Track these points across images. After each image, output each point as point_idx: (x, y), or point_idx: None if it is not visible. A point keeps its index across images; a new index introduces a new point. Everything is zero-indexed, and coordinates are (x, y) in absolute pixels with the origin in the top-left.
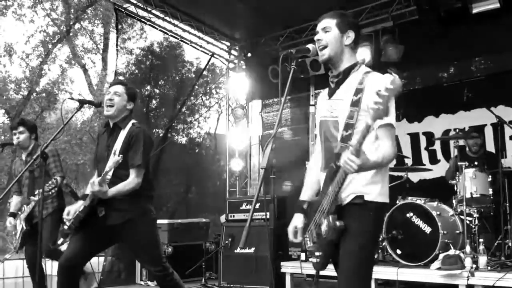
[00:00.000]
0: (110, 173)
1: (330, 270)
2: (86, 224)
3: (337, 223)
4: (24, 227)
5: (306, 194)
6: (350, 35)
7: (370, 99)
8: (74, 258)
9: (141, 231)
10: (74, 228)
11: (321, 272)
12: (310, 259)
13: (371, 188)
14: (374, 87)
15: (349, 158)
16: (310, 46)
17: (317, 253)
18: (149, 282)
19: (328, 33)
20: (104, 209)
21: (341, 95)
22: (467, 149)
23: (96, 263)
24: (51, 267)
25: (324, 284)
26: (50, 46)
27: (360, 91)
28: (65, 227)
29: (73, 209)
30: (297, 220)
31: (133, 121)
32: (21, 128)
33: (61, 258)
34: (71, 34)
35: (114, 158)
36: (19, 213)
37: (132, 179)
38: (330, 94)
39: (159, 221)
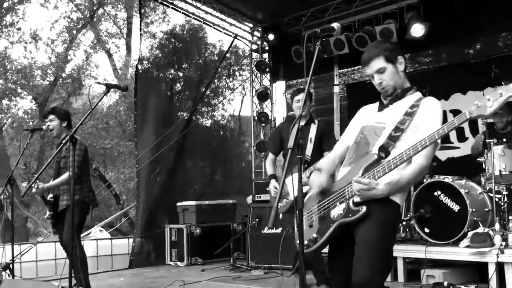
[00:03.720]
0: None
1: None
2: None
3: (364, 207)
4: (47, 214)
5: (322, 164)
6: (401, 61)
7: (420, 118)
8: None
9: None
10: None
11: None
12: (297, 242)
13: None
14: (428, 109)
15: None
16: (334, 24)
17: (314, 235)
18: (178, 263)
19: (383, 74)
20: None
21: (393, 109)
22: (495, 126)
23: (126, 244)
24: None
25: None
26: (74, 31)
27: (415, 106)
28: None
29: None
30: (317, 174)
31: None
32: (51, 116)
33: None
34: (94, 19)
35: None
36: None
37: None
38: (381, 109)
39: (186, 203)
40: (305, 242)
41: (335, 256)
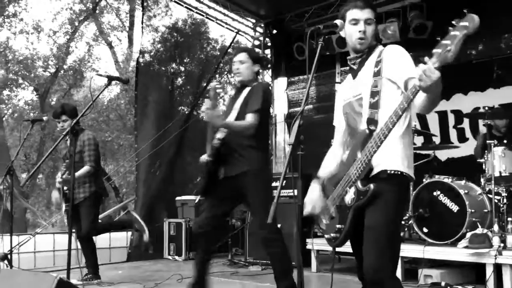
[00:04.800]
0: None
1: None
2: (210, 191)
3: (371, 185)
4: (64, 208)
5: (323, 171)
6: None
7: (388, 68)
8: (205, 225)
9: (259, 185)
10: (202, 196)
11: (345, 249)
12: (325, 236)
13: (396, 159)
14: (391, 55)
15: (430, 69)
16: (338, 21)
17: (338, 226)
18: (176, 257)
19: (370, 26)
20: (223, 167)
21: (363, 74)
22: (493, 128)
23: (124, 237)
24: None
25: (349, 262)
26: (76, 23)
27: (379, 63)
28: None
29: None
30: (314, 190)
31: (260, 80)
32: (64, 117)
33: (194, 225)
34: (97, 11)
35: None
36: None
37: (246, 121)
38: (355, 75)
39: (185, 197)
40: (332, 235)
41: (357, 241)
